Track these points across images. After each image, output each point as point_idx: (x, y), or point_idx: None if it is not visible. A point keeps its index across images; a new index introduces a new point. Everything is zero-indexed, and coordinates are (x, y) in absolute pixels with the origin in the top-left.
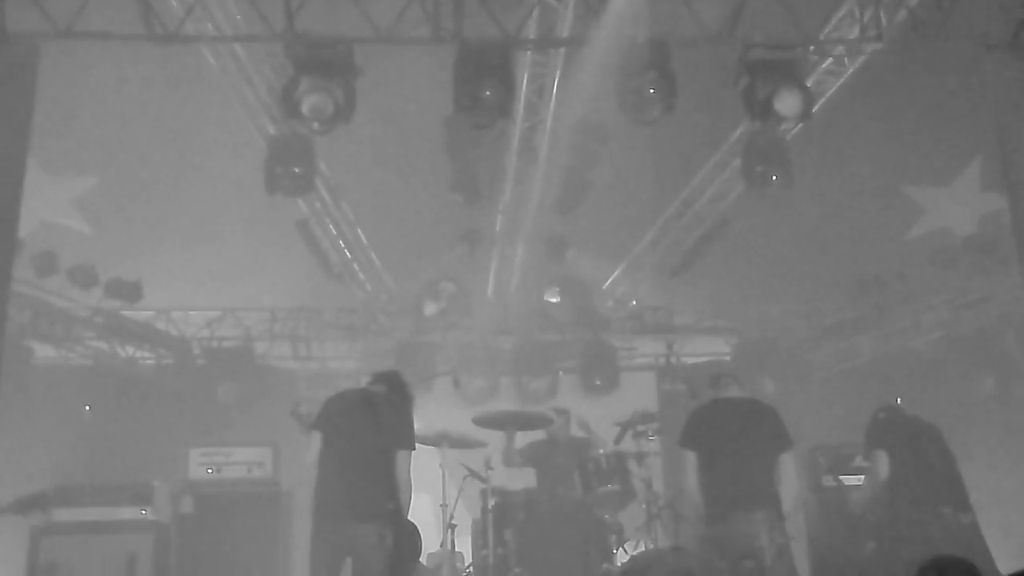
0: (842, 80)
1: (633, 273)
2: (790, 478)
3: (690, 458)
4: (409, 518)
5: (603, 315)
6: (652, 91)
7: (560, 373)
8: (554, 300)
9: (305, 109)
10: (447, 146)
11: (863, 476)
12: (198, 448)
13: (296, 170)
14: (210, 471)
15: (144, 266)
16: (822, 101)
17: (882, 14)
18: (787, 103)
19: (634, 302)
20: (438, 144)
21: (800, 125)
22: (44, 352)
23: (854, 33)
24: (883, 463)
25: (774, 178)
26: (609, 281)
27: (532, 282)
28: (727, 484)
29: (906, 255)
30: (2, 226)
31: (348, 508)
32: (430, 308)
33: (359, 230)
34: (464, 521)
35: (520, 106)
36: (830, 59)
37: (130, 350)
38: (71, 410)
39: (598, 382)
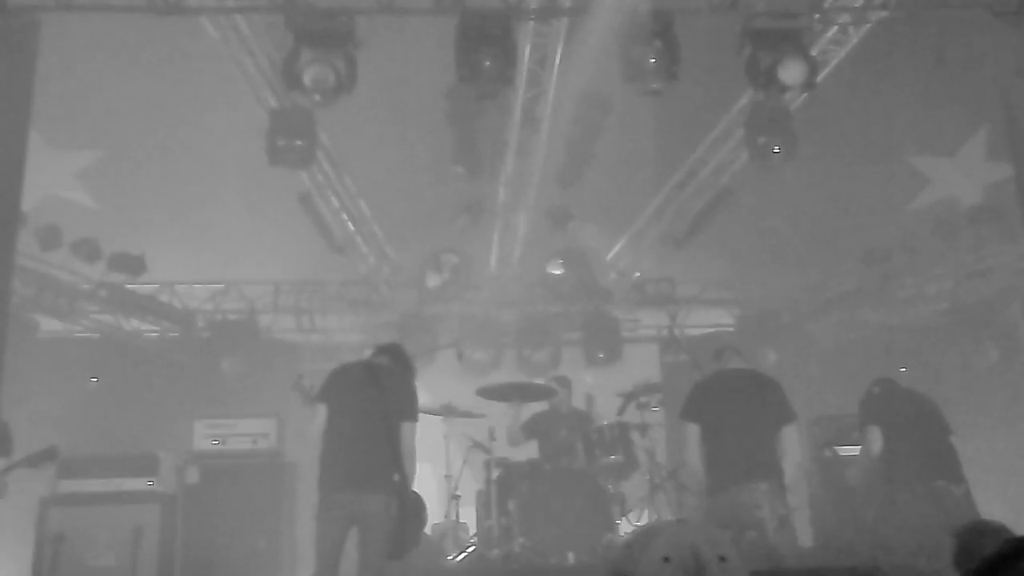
0: (847, 49)
1: (636, 244)
2: (793, 450)
3: (692, 430)
4: (414, 488)
5: (606, 287)
6: (655, 61)
7: (563, 345)
8: (557, 272)
9: (306, 81)
10: (449, 117)
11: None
12: (203, 420)
13: (298, 142)
14: (215, 442)
15: (148, 239)
16: (827, 70)
17: None
18: (791, 72)
19: (637, 273)
20: (440, 115)
21: (804, 94)
22: (49, 326)
23: (859, 1)
24: (876, 438)
25: (777, 148)
26: (612, 252)
27: (535, 254)
28: (729, 456)
29: (911, 226)
30: (6, 200)
31: (353, 479)
32: (433, 280)
33: (361, 202)
34: (468, 492)
35: (522, 76)
36: (835, 27)
37: (134, 323)
38: (76, 383)
39: (601, 354)
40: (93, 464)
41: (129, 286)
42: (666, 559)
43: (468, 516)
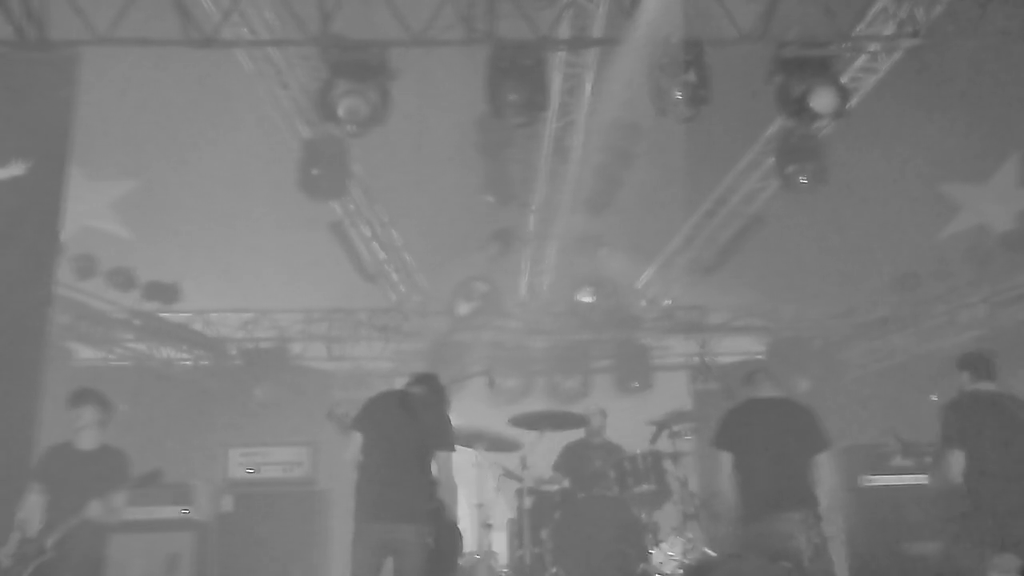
0: (877, 76)
1: (666, 272)
2: (827, 478)
3: (725, 458)
4: (453, 518)
5: (636, 314)
6: (686, 90)
7: (593, 373)
8: (587, 300)
9: (341, 112)
10: (479, 146)
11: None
12: (237, 448)
13: (330, 172)
14: (249, 471)
15: (181, 268)
16: (857, 98)
17: (918, 9)
18: (822, 100)
19: (667, 301)
20: (470, 145)
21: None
22: (84, 354)
23: (890, 29)
24: (957, 462)
25: (803, 180)
26: (642, 280)
27: (565, 282)
28: (763, 484)
29: (943, 252)
30: (46, 231)
31: (389, 508)
32: (463, 308)
33: (392, 231)
34: (500, 521)
35: (553, 106)
36: (865, 55)
37: (168, 351)
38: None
39: (636, 384)
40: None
41: (163, 314)
42: None
43: (500, 545)
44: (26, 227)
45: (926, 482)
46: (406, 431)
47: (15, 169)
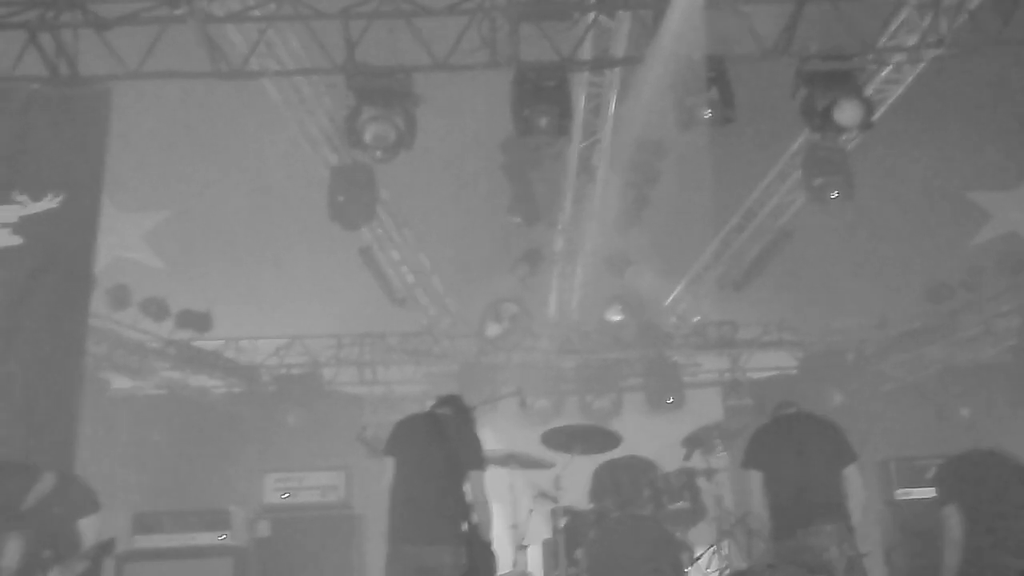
0: (902, 88)
1: (695, 288)
2: (856, 490)
3: (755, 477)
4: (488, 539)
5: (666, 331)
6: (710, 107)
7: (624, 391)
8: (616, 318)
9: (368, 138)
10: (505, 168)
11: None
12: (273, 473)
13: (358, 198)
14: (285, 496)
15: (212, 296)
16: (882, 109)
17: (942, 19)
18: (847, 113)
19: (697, 317)
20: (496, 166)
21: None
22: (119, 383)
23: (913, 40)
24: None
25: (835, 194)
26: (671, 297)
27: (593, 300)
28: (793, 500)
29: (974, 261)
30: (81, 262)
31: (422, 530)
32: (493, 329)
33: (421, 255)
34: (535, 541)
35: (577, 126)
36: (889, 67)
37: (201, 379)
38: (147, 439)
39: (670, 400)
40: (166, 519)
41: (195, 343)
42: None
43: (535, 566)
44: (61, 259)
45: None
46: (437, 453)
47: (50, 202)
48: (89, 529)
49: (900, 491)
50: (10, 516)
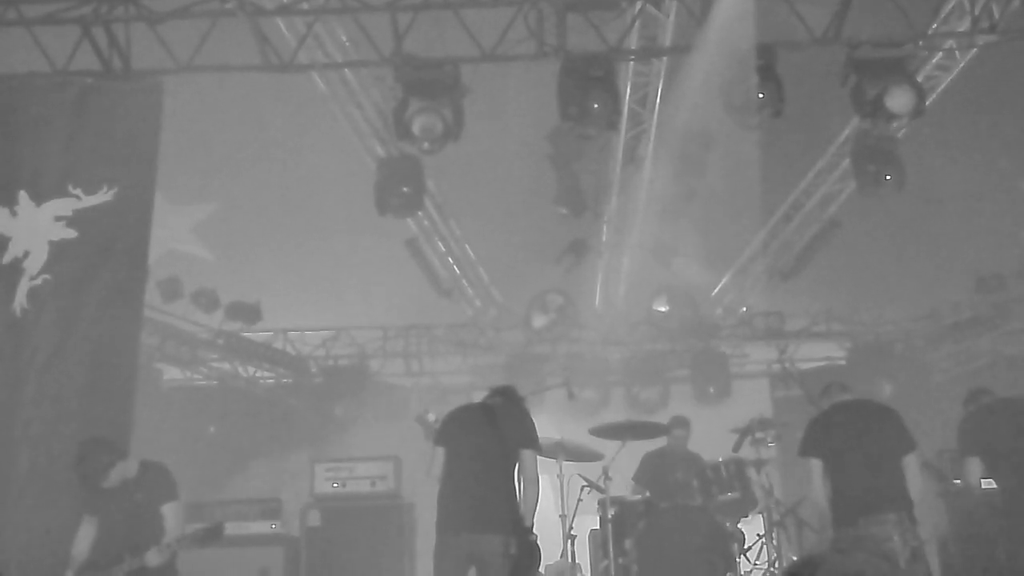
0: (953, 74)
1: (742, 279)
2: (915, 479)
3: (815, 465)
4: (532, 529)
5: (713, 322)
6: (759, 96)
7: (671, 382)
8: (662, 309)
9: (416, 130)
10: (551, 159)
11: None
12: (323, 463)
13: (405, 190)
14: (335, 485)
15: (262, 288)
16: (933, 96)
17: (994, 4)
18: (899, 100)
19: (744, 308)
20: (542, 157)
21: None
22: (171, 374)
23: (964, 25)
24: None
25: (886, 178)
26: (718, 288)
27: (640, 291)
28: (855, 488)
29: None
30: (135, 255)
31: (473, 519)
32: (539, 321)
33: (467, 246)
34: (583, 531)
35: (624, 116)
36: (940, 53)
37: (251, 370)
38: (199, 429)
39: (711, 390)
40: (219, 508)
41: (245, 334)
42: None
43: (583, 556)
44: (116, 251)
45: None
46: (488, 442)
47: (104, 195)
48: (171, 515)
49: (955, 482)
50: (92, 489)
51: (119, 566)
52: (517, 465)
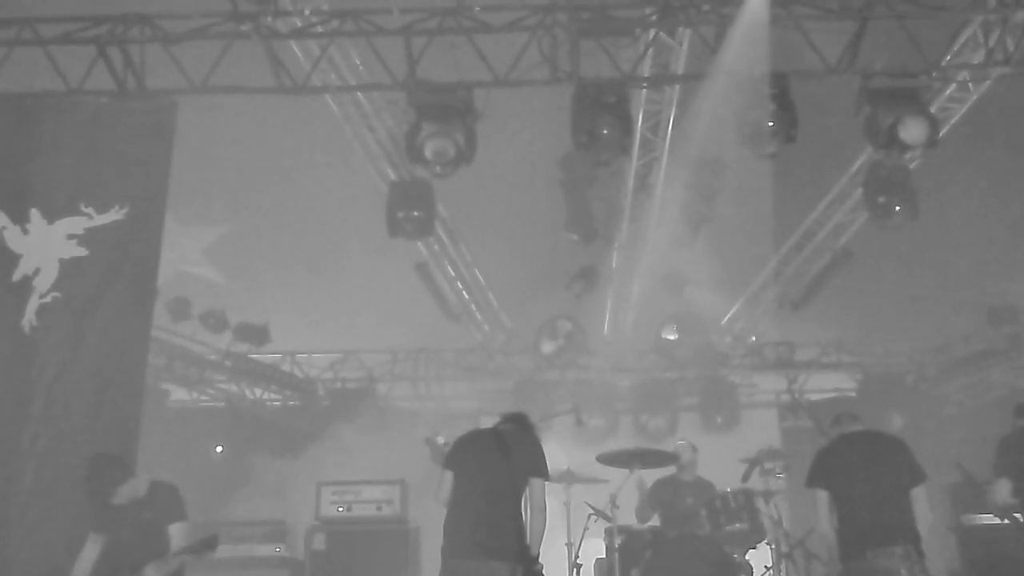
0: (967, 106)
1: (752, 308)
2: (924, 512)
3: (821, 496)
4: (538, 559)
5: (722, 351)
6: (772, 124)
7: (680, 411)
8: (672, 337)
9: (428, 153)
10: (563, 185)
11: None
12: (329, 486)
13: (416, 214)
14: (341, 509)
15: (270, 310)
16: (946, 128)
17: (1008, 37)
18: (912, 131)
19: (753, 338)
20: (553, 184)
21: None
22: (178, 395)
23: (978, 57)
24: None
25: (898, 208)
26: (728, 316)
27: (649, 319)
28: (862, 520)
29: None
30: (145, 274)
31: (479, 545)
32: (548, 347)
33: (476, 271)
34: (588, 560)
35: (636, 143)
36: (954, 85)
37: (258, 392)
38: (204, 450)
39: (719, 420)
40: (223, 530)
41: (253, 356)
42: None
43: None
44: (126, 270)
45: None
46: (498, 468)
47: (116, 214)
48: (178, 535)
49: (965, 516)
50: (100, 506)
51: None
52: (525, 493)
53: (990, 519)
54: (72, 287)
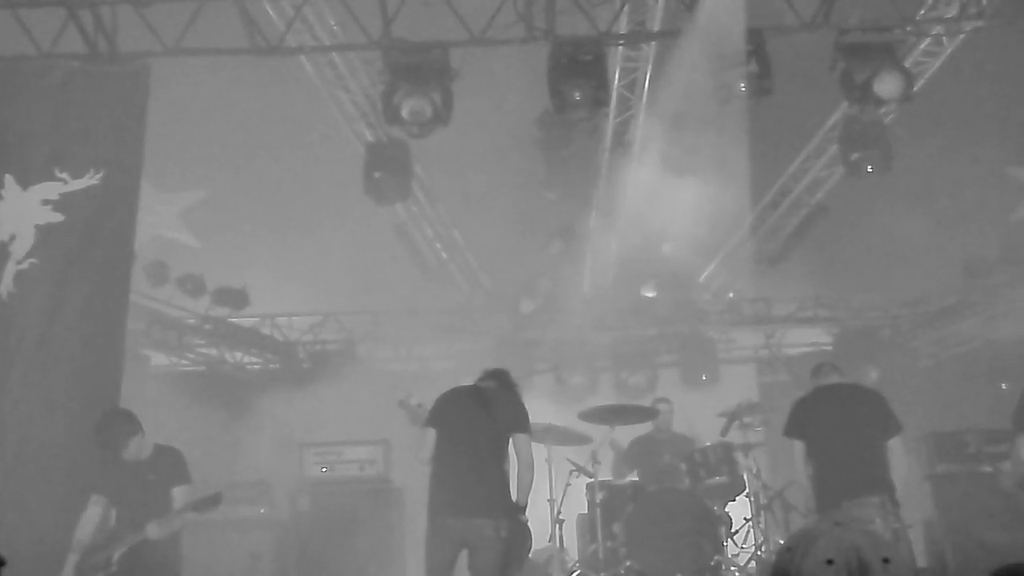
0: (941, 60)
1: (730, 264)
2: (900, 462)
3: (798, 447)
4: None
5: (701, 308)
6: (747, 81)
7: (659, 368)
8: (651, 294)
9: (404, 114)
10: (540, 144)
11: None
12: (311, 447)
13: (394, 174)
14: (324, 470)
15: (249, 273)
16: (921, 82)
17: None
18: (887, 85)
19: (731, 294)
20: (531, 142)
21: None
22: (158, 360)
23: (952, 11)
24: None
25: (870, 169)
26: (706, 273)
27: (628, 277)
28: (838, 470)
29: (1012, 237)
30: (121, 239)
31: (465, 502)
32: (527, 306)
33: (455, 231)
34: (571, 516)
35: (612, 101)
36: (928, 39)
37: (238, 355)
38: (186, 415)
39: (704, 376)
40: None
41: (232, 319)
42: (829, 561)
43: (571, 540)
44: (102, 235)
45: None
46: (480, 425)
47: (91, 179)
48: (181, 497)
49: (940, 466)
50: (110, 459)
51: (120, 542)
52: (508, 449)
53: (964, 467)
54: (49, 253)
